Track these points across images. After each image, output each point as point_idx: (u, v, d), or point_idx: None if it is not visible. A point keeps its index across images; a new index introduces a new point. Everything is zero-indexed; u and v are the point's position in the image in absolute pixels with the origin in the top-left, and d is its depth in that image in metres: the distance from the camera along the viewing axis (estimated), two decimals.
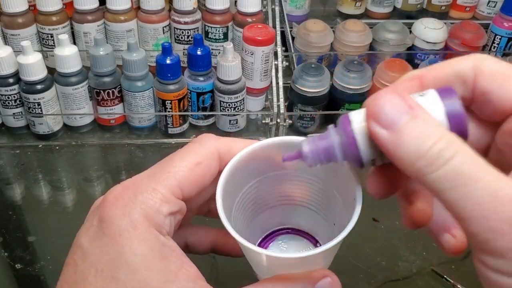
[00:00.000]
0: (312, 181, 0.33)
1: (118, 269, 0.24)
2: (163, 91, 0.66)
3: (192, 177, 0.27)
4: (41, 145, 0.69)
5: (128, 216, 0.25)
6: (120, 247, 0.24)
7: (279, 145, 0.30)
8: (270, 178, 0.32)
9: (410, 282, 0.53)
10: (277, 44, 0.74)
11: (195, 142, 0.29)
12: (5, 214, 0.59)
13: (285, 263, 0.27)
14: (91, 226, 0.26)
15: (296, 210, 0.35)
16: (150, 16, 0.72)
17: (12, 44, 0.70)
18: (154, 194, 0.26)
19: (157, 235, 0.25)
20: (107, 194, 0.27)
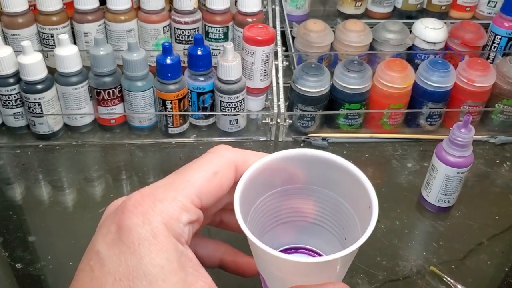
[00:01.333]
0: (324, 196, 0.33)
1: (136, 280, 0.24)
2: (163, 91, 0.66)
3: (210, 187, 0.28)
4: (41, 145, 0.70)
5: (148, 224, 0.25)
6: (139, 256, 0.24)
7: (295, 158, 0.30)
8: (283, 192, 0.32)
9: (410, 282, 0.53)
10: (277, 44, 0.74)
11: (212, 153, 0.29)
12: (5, 214, 0.59)
13: (300, 269, 0.27)
14: (108, 233, 0.26)
15: (307, 228, 0.35)
16: (150, 16, 0.72)
17: (13, 44, 0.70)
18: (174, 203, 0.26)
19: (176, 245, 0.25)
20: (125, 201, 0.26)
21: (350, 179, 0.29)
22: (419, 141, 0.73)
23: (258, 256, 0.29)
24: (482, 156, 0.70)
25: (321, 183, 0.32)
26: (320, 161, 0.30)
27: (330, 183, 0.31)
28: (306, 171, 0.31)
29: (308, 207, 0.34)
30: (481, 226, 0.59)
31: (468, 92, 0.70)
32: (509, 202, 0.64)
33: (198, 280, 0.26)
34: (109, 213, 0.28)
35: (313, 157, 0.30)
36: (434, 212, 0.60)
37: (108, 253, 0.25)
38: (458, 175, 0.56)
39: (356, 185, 0.29)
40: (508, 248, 0.57)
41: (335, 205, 0.32)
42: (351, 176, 0.29)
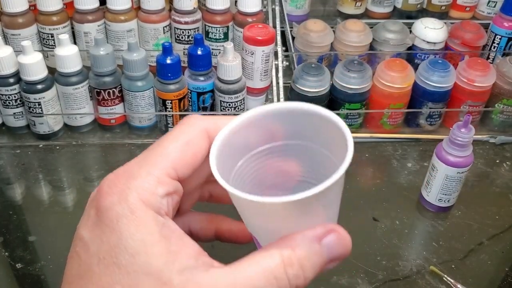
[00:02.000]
0: (305, 149, 0.31)
1: (118, 255, 0.24)
2: (163, 91, 0.66)
3: (184, 157, 0.28)
4: (41, 145, 0.70)
5: (124, 201, 0.25)
6: (119, 233, 0.25)
7: (268, 114, 0.29)
8: (263, 153, 0.31)
9: (410, 281, 0.53)
10: (277, 44, 0.74)
11: (183, 124, 0.29)
12: (5, 214, 0.59)
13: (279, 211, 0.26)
14: (89, 217, 0.26)
15: (295, 187, 0.34)
16: (150, 16, 0.72)
17: (13, 44, 0.70)
18: (149, 177, 0.26)
19: (156, 217, 0.25)
20: (101, 184, 0.27)
21: (327, 124, 0.28)
22: (419, 141, 0.73)
23: (242, 210, 0.28)
24: (482, 156, 0.70)
25: (299, 136, 0.30)
26: (293, 113, 0.29)
27: (308, 134, 0.30)
28: (282, 126, 0.30)
29: (292, 165, 0.32)
30: (481, 226, 0.59)
31: (468, 92, 0.70)
32: (509, 202, 0.64)
33: (184, 248, 0.25)
34: (89, 201, 0.29)
35: (286, 109, 0.29)
36: (434, 212, 0.60)
37: (90, 236, 0.26)
38: (458, 175, 0.56)
39: (333, 130, 0.28)
40: (508, 247, 0.57)
41: (318, 156, 0.31)
42: (326, 121, 0.28)
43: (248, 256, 0.26)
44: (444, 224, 0.60)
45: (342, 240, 0.26)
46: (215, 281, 0.24)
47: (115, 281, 0.24)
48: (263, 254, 0.25)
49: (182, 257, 0.25)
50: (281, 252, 0.25)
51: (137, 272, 0.24)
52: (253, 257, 0.25)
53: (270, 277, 0.24)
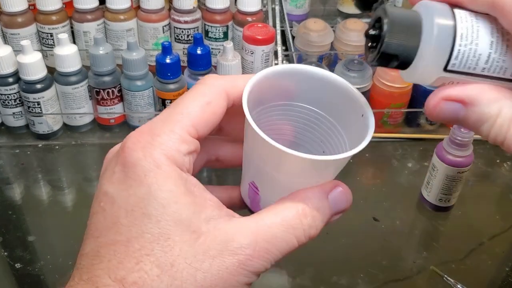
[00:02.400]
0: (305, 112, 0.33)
1: (148, 206, 0.25)
2: (163, 90, 0.66)
3: (204, 116, 0.28)
4: (41, 144, 0.69)
5: (149, 157, 0.26)
6: (147, 186, 0.25)
7: (285, 72, 0.31)
8: (268, 109, 0.33)
9: (411, 282, 0.53)
10: (277, 43, 0.74)
11: (202, 84, 0.30)
12: (5, 214, 0.59)
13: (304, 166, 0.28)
14: (113, 173, 0.27)
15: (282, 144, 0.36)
16: (150, 15, 0.72)
17: (12, 43, 0.70)
18: (172, 135, 0.27)
19: (180, 172, 0.26)
20: (124, 141, 0.27)
21: (338, 92, 0.30)
22: (419, 141, 0.72)
23: (260, 158, 0.30)
24: (483, 156, 0.70)
25: (306, 99, 0.32)
26: (307, 76, 0.31)
27: (316, 98, 0.32)
28: (295, 87, 0.32)
29: (287, 127, 0.34)
30: (482, 226, 0.59)
31: None
32: (510, 201, 0.63)
33: (206, 200, 0.27)
34: (108, 160, 0.29)
35: (301, 71, 0.31)
36: (434, 212, 0.60)
37: (116, 191, 0.26)
38: (458, 174, 0.56)
39: (345, 98, 0.30)
40: (508, 248, 0.57)
41: (317, 120, 0.33)
42: (339, 88, 0.30)
43: (266, 208, 0.27)
44: (444, 224, 0.59)
45: (345, 194, 0.29)
46: (240, 229, 0.26)
47: (145, 230, 0.25)
48: (280, 206, 0.27)
49: (207, 208, 0.26)
50: (296, 205, 0.27)
51: (167, 221, 0.25)
52: (271, 209, 0.27)
53: (288, 226, 0.26)
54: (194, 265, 0.25)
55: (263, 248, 0.25)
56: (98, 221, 0.26)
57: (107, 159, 0.29)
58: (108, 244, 0.25)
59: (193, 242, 0.25)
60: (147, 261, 0.24)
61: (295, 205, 0.27)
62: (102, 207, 0.26)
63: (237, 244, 0.25)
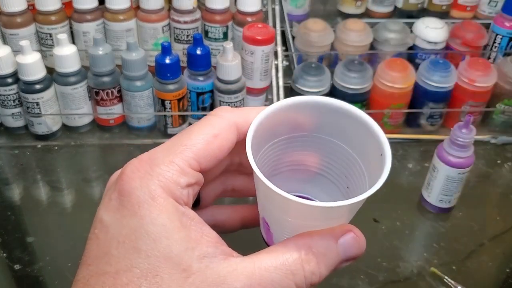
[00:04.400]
0: (329, 145, 0.32)
1: (139, 240, 0.24)
2: (162, 91, 0.66)
3: (209, 149, 0.28)
4: (40, 145, 0.69)
5: (146, 187, 0.25)
6: (140, 217, 0.25)
7: (302, 105, 0.30)
8: (287, 140, 0.32)
9: (411, 283, 0.52)
10: (277, 43, 0.74)
11: (212, 115, 0.29)
12: (3, 215, 0.59)
13: (313, 213, 0.26)
14: (110, 201, 0.26)
15: (308, 178, 0.34)
16: (149, 16, 0.72)
17: (11, 43, 0.69)
18: (171, 166, 0.26)
19: (176, 205, 0.26)
20: (124, 168, 0.27)
21: (360, 127, 0.29)
22: (419, 141, 0.72)
23: (267, 200, 0.29)
24: (483, 157, 0.70)
25: (327, 132, 0.31)
26: (329, 108, 0.30)
27: (337, 131, 0.30)
28: (313, 119, 0.31)
29: (311, 158, 0.33)
30: (482, 227, 0.59)
31: (469, 92, 0.70)
32: (510, 202, 0.63)
33: (203, 236, 0.26)
34: (109, 184, 0.29)
35: (322, 104, 0.29)
36: (435, 213, 0.60)
37: (111, 219, 0.26)
38: (459, 175, 0.56)
39: (366, 133, 0.29)
40: (509, 249, 0.57)
41: (340, 153, 0.32)
42: (361, 123, 0.29)
43: (266, 249, 0.26)
44: (445, 225, 0.59)
45: (358, 241, 0.27)
46: (233, 270, 0.25)
47: (134, 265, 0.24)
48: (282, 248, 0.26)
49: (202, 245, 0.25)
50: (299, 249, 0.26)
51: (157, 257, 0.24)
52: (271, 250, 0.26)
53: (287, 271, 0.25)
54: None
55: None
56: (92, 249, 0.26)
57: (109, 183, 0.29)
58: (98, 274, 0.25)
59: (182, 282, 0.24)
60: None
61: (298, 248, 0.26)
62: (96, 234, 0.26)
63: (228, 287, 0.24)
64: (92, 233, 0.27)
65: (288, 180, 0.34)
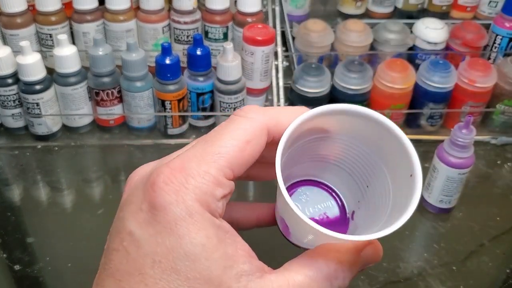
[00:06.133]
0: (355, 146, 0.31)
1: (177, 260, 0.24)
2: (162, 91, 0.66)
3: (242, 157, 0.26)
4: (40, 146, 0.69)
5: (182, 202, 0.24)
6: (177, 237, 0.24)
7: (334, 113, 0.29)
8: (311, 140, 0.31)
9: (411, 283, 0.52)
10: (277, 44, 0.74)
11: (242, 117, 0.28)
12: (4, 215, 0.59)
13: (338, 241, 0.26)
14: (139, 211, 0.25)
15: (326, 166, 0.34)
16: (149, 16, 0.72)
17: (11, 44, 0.69)
18: (207, 178, 0.25)
19: (213, 220, 0.25)
20: (155, 178, 0.25)
21: (393, 140, 0.28)
22: (420, 142, 0.72)
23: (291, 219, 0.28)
24: (483, 157, 0.70)
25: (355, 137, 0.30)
26: (362, 119, 0.28)
27: (366, 139, 0.30)
28: (342, 126, 0.30)
29: (333, 152, 0.32)
30: (482, 227, 0.59)
31: (469, 93, 0.70)
32: (510, 203, 0.63)
33: (238, 250, 0.25)
34: (134, 188, 0.27)
35: (354, 112, 0.28)
36: (435, 213, 0.60)
37: (142, 234, 0.24)
38: (459, 176, 0.56)
39: (398, 149, 0.28)
40: (509, 249, 0.57)
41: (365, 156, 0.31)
42: (394, 137, 0.28)
43: (296, 263, 0.26)
44: (445, 225, 0.59)
45: (377, 252, 0.28)
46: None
47: (172, 287, 0.23)
48: (312, 265, 0.26)
49: (238, 261, 0.25)
50: (329, 265, 0.26)
51: (197, 279, 0.24)
52: (302, 266, 0.26)
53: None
54: None
55: None
56: (120, 263, 0.25)
57: (131, 183, 0.28)
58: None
59: None
60: None
61: (328, 264, 0.26)
62: (125, 247, 0.25)
63: None
64: (119, 244, 0.25)
65: (308, 168, 0.34)
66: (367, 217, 0.31)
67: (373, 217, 0.30)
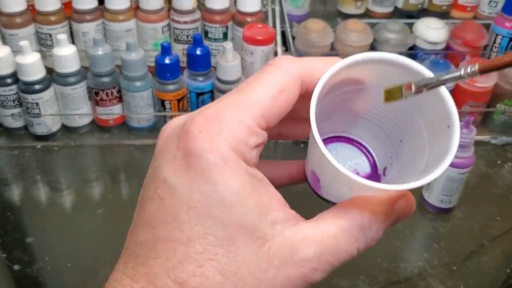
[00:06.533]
0: None
1: (212, 206, 0.23)
2: (162, 91, 0.66)
3: (276, 106, 0.26)
4: (39, 145, 0.69)
5: (216, 150, 0.24)
6: (212, 183, 0.24)
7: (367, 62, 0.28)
8: (346, 92, 0.30)
9: (411, 283, 0.52)
10: (277, 43, 0.74)
11: (275, 66, 0.27)
12: (3, 215, 0.59)
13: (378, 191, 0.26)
14: (174, 159, 0.25)
15: (357, 121, 0.33)
16: (149, 16, 0.72)
17: (11, 44, 0.69)
18: (241, 126, 0.25)
19: (247, 168, 0.25)
20: (189, 126, 0.25)
21: (431, 93, 0.27)
22: None
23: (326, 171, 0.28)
24: (484, 157, 0.70)
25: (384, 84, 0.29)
26: (400, 69, 0.28)
27: None
28: (376, 75, 0.29)
29: (366, 103, 0.31)
30: (483, 227, 0.59)
31: (470, 93, 0.70)
32: (511, 203, 0.63)
33: (272, 198, 0.25)
34: (167, 136, 0.27)
35: (394, 62, 0.28)
36: (435, 213, 0.60)
37: (177, 181, 0.24)
38: (459, 175, 0.56)
39: (437, 102, 0.27)
40: (509, 249, 0.57)
41: (402, 112, 0.30)
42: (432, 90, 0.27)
43: (328, 213, 0.26)
44: (445, 225, 0.59)
45: (411, 204, 0.28)
46: (305, 239, 0.25)
47: (208, 232, 0.23)
48: (345, 215, 0.26)
49: (272, 209, 0.25)
50: (362, 216, 0.26)
51: (232, 225, 0.24)
52: (335, 216, 0.26)
53: (351, 238, 0.25)
54: (258, 275, 0.23)
55: (326, 260, 0.25)
56: (155, 210, 0.25)
57: (165, 133, 0.27)
58: (167, 240, 0.24)
59: (257, 249, 0.24)
60: (210, 266, 0.23)
61: (362, 215, 0.26)
62: (159, 195, 0.25)
63: (303, 255, 0.24)
64: (153, 192, 0.25)
65: (338, 123, 0.33)
66: (399, 173, 0.30)
67: (406, 172, 0.29)
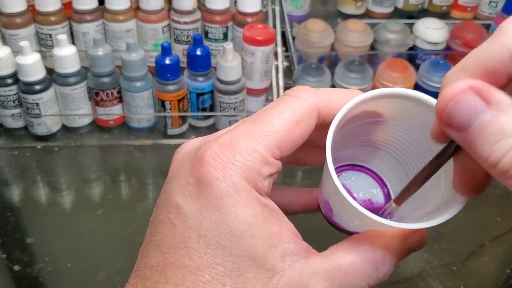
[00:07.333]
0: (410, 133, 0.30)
1: (222, 236, 0.23)
2: (162, 91, 0.66)
3: (291, 137, 0.26)
4: (39, 146, 0.69)
5: (229, 178, 0.24)
6: (223, 212, 0.24)
7: (385, 96, 0.27)
8: (364, 124, 0.30)
9: (411, 283, 0.52)
10: (277, 44, 0.74)
11: (292, 96, 0.27)
12: (3, 216, 0.59)
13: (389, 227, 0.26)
14: (186, 185, 0.25)
15: (374, 152, 0.33)
16: (149, 16, 0.72)
17: (11, 44, 0.69)
18: (255, 155, 0.25)
19: (259, 198, 0.25)
20: (202, 152, 0.25)
21: None
22: None
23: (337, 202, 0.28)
24: None
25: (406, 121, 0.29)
26: (417, 103, 0.27)
27: (422, 126, 0.28)
28: (398, 111, 0.29)
29: (384, 135, 0.31)
30: (483, 228, 0.59)
31: None
32: (511, 203, 0.63)
33: (283, 229, 0.25)
34: (181, 161, 0.27)
35: (410, 97, 0.27)
36: None
37: (189, 208, 0.24)
38: None
39: None
40: (509, 249, 0.57)
41: (419, 145, 0.30)
42: None
43: (341, 247, 0.26)
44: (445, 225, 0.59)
45: (423, 239, 0.28)
46: (315, 273, 0.24)
47: (217, 262, 0.23)
48: (358, 250, 0.26)
49: (283, 241, 0.25)
50: (375, 251, 0.26)
51: (242, 256, 0.24)
52: (348, 250, 0.26)
53: (363, 274, 0.25)
54: None
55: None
56: (166, 235, 0.25)
57: (179, 157, 0.27)
58: (176, 266, 0.24)
59: (266, 282, 0.24)
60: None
61: (374, 250, 0.26)
62: (171, 220, 0.25)
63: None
64: (165, 216, 0.25)
65: (355, 152, 0.33)
66: (414, 205, 0.30)
67: (420, 205, 0.29)
